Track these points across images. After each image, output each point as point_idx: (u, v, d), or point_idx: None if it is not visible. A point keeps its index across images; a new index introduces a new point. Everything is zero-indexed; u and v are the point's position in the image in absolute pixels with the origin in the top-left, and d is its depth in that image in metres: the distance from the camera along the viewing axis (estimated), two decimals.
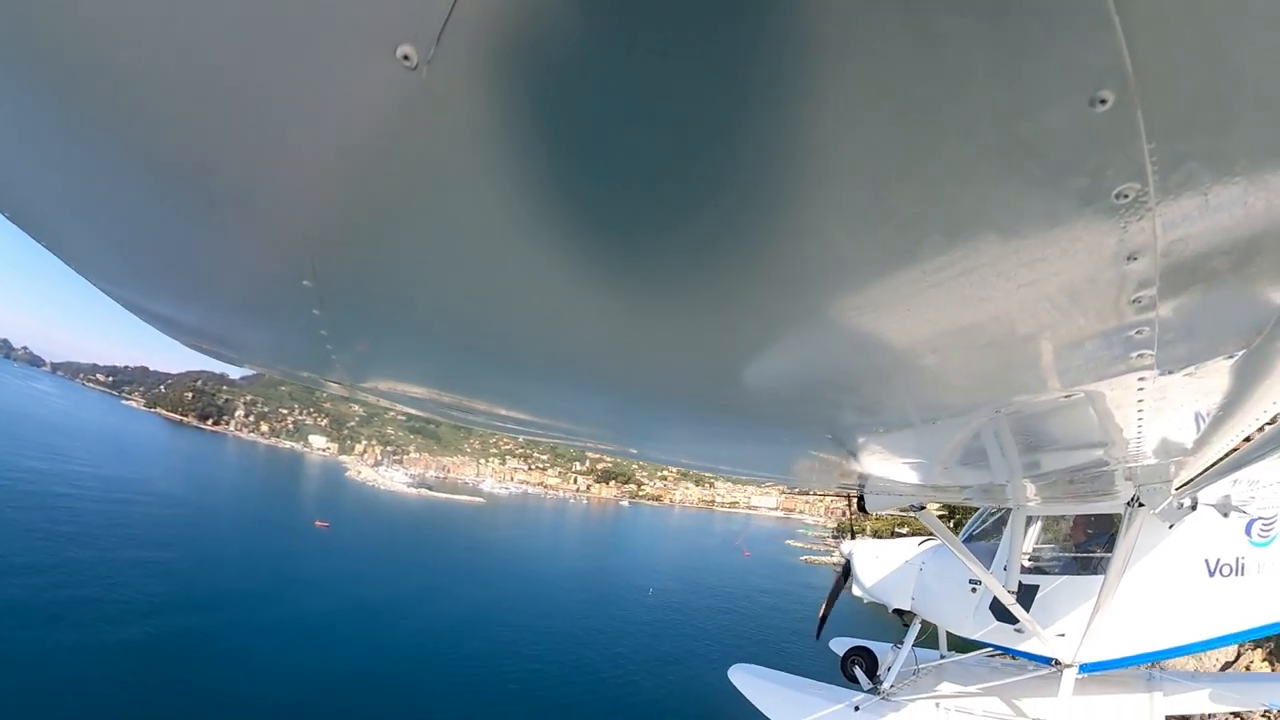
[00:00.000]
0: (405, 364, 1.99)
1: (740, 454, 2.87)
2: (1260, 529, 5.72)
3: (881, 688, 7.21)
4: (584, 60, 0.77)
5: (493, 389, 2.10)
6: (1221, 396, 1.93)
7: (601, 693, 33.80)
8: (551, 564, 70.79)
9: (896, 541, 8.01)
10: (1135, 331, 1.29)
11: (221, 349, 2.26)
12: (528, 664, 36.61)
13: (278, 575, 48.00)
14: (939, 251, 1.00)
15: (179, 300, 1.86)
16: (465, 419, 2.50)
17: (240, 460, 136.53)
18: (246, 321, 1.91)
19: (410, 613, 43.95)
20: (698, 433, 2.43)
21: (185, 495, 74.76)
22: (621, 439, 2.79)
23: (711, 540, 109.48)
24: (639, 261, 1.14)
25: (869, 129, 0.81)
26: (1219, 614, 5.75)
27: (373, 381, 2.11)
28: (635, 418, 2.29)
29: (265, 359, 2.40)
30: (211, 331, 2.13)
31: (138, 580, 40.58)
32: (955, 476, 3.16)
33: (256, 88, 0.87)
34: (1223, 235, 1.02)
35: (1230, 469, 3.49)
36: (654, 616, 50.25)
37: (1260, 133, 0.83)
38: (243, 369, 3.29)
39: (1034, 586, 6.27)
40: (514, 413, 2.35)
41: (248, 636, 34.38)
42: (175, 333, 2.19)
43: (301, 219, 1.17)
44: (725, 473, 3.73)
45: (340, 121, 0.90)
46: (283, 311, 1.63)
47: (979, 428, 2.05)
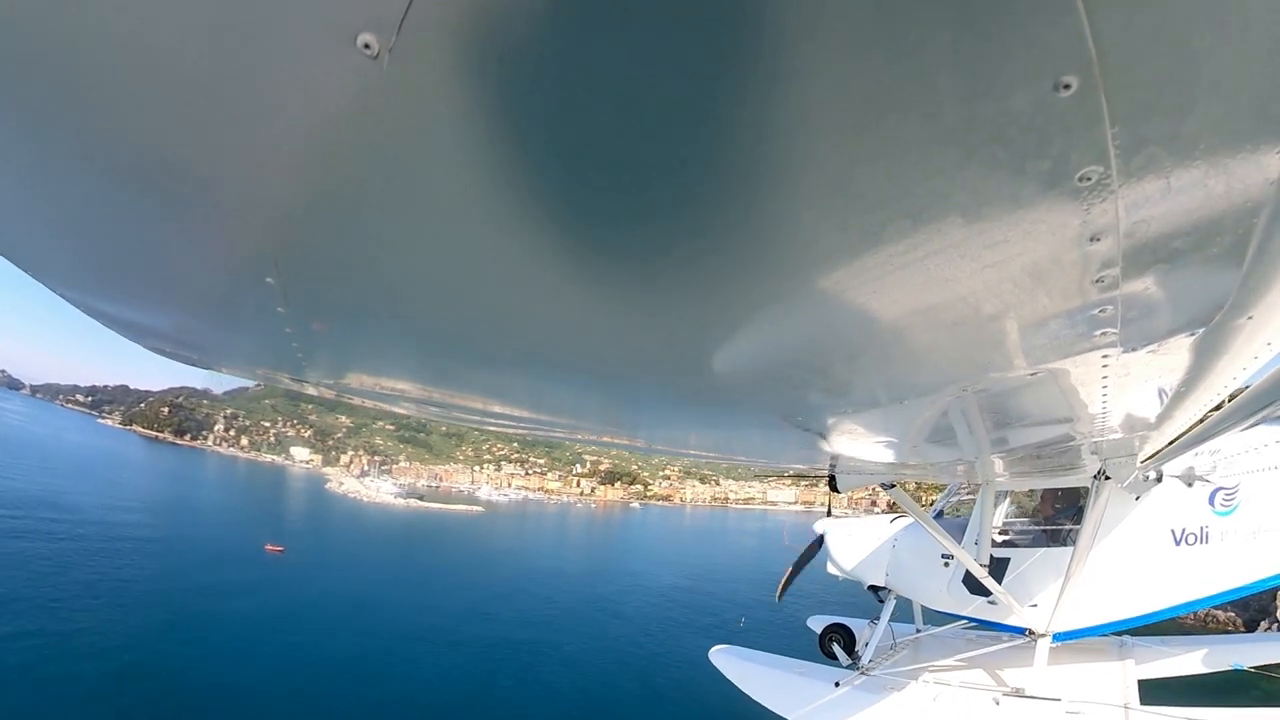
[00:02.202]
0: (374, 360, 1.94)
1: (715, 438, 2.84)
2: (1223, 498, 5.81)
3: (860, 663, 7.19)
4: (549, 46, 0.75)
5: (465, 381, 2.08)
6: (1184, 372, 1.94)
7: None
8: (588, 585, 56.03)
9: (869, 519, 8.01)
10: (1099, 310, 1.31)
11: (188, 352, 2.20)
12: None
13: (184, 621, 35.87)
14: (904, 235, 1.00)
15: (140, 303, 1.78)
16: (438, 414, 2.52)
17: (203, 474, 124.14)
18: (211, 323, 1.84)
19: (390, 673, 31.78)
20: (670, 418, 2.42)
21: (97, 514, 62.36)
22: (597, 427, 2.74)
23: (752, 540, 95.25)
24: (608, 248, 1.12)
25: (834, 114, 0.81)
26: (1186, 581, 5.86)
27: (342, 379, 2.08)
28: (610, 405, 2.27)
29: (232, 361, 2.33)
30: (176, 335, 2.04)
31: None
32: (925, 454, 3.18)
33: (212, 80, 0.85)
34: (1184, 216, 1.03)
35: (1193, 442, 3.54)
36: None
37: (1220, 117, 0.84)
38: (222, 381, 3.46)
39: (1005, 560, 6.36)
40: (488, 404, 2.33)
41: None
42: (140, 337, 2.11)
43: (262, 214, 1.14)
44: (702, 457, 3.62)
45: (299, 113, 0.88)
46: (246, 311, 1.58)
47: (947, 406, 2.06)
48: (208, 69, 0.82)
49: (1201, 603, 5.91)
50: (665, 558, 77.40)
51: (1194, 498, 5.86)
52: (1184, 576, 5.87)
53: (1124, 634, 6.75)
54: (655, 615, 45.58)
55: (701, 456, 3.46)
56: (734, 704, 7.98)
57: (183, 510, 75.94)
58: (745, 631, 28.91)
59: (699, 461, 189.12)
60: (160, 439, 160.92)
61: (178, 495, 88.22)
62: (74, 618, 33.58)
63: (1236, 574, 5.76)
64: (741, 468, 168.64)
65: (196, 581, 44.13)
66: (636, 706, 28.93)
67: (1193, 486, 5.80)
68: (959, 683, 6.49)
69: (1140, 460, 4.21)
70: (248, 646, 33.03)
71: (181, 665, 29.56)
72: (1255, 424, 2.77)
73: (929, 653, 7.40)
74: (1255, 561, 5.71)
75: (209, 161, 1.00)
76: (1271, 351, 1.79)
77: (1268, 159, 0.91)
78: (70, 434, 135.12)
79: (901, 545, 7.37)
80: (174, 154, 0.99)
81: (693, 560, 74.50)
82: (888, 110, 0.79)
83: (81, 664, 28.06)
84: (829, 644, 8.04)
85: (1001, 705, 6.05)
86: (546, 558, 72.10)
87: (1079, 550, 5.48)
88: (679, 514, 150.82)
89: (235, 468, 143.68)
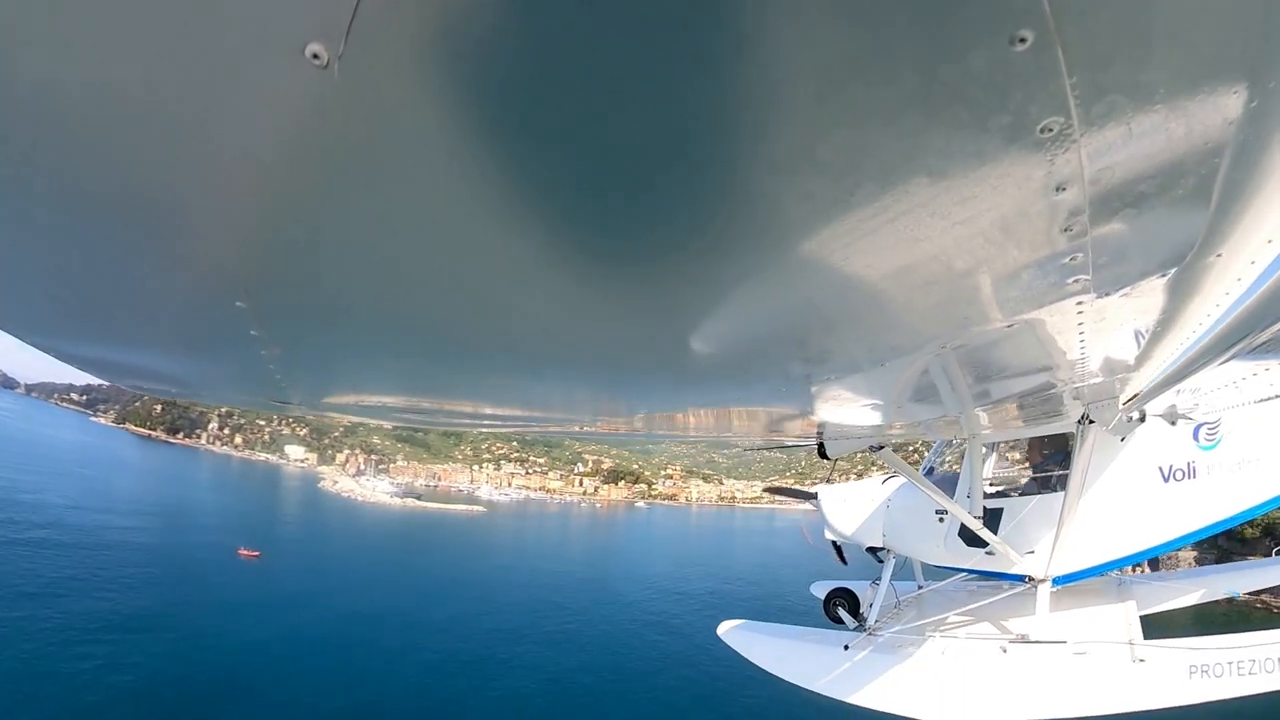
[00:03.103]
0: (355, 375, 1.91)
1: (703, 418, 2.86)
2: (1206, 433, 5.92)
3: (867, 625, 7.22)
4: (500, 45, 0.75)
5: (450, 386, 2.05)
6: (1158, 313, 1.95)
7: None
8: (616, 594, 51.22)
9: (861, 483, 8.08)
10: (1069, 258, 1.32)
11: (167, 386, 2.15)
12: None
13: (117, 649, 30.48)
14: (872, 198, 1.01)
15: (111, 342, 1.74)
16: (425, 421, 2.50)
17: (190, 473, 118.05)
18: (185, 355, 1.80)
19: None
20: (657, 401, 2.43)
21: (61, 514, 57.85)
22: (585, 418, 2.75)
23: (773, 540, 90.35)
24: (579, 239, 1.12)
25: (796, 85, 0.81)
26: (1178, 516, 5.95)
27: (325, 398, 2.04)
28: (596, 393, 2.27)
29: (213, 392, 2.31)
30: (152, 370, 1.99)
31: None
32: (910, 414, 3.20)
33: (162, 105, 0.83)
34: (1147, 161, 1.04)
35: (1173, 380, 3.57)
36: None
37: (1177, 62, 0.86)
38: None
39: (998, 510, 6.39)
40: (477, 407, 2.31)
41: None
42: (116, 376, 2.06)
43: (227, 238, 1.11)
44: (690, 439, 3.74)
45: (255, 131, 0.87)
46: (220, 339, 1.56)
47: (927, 365, 2.08)
48: (157, 96, 0.80)
49: (1194, 535, 5.99)
50: (690, 558, 73.32)
51: (1178, 435, 5.97)
52: (1175, 511, 5.97)
53: (1122, 573, 6.84)
54: (701, 625, 39.22)
55: (690, 438, 3.48)
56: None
57: (157, 511, 70.50)
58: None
59: (700, 461, 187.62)
60: (153, 437, 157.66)
61: (156, 495, 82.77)
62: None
63: (1225, 505, 5.88)
64: (743, 467, 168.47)
65: (150, 598, 38.58)
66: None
67: (1176, 425, 5.90)
68: (965, 635, 6.52)
69: (1122, 402, 4.23)
70: (191, 673, 28.30)
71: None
72: (1230, 359, 2.85)
73: (933, 608, 7.45)
74: (1242, 491, 5.86)
75: (166, 190, 0.98)
76: (1241, 288, 1.81)
77: (1225, 100, 0.92)
78: (56, 431, 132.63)
79: (895, 505, 7.41)
80: (128, 186, 0.97)
81: (720, 561, 70.69)
82: (848, 77, 0.79)
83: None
84: (834, 609, 8.06)
85: (1009, 653, 6.06)
86: (562, 560, 67.80)
87: (1069, 495, 5.54)
88: (685, 513, 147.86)
89: (226, 466, 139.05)
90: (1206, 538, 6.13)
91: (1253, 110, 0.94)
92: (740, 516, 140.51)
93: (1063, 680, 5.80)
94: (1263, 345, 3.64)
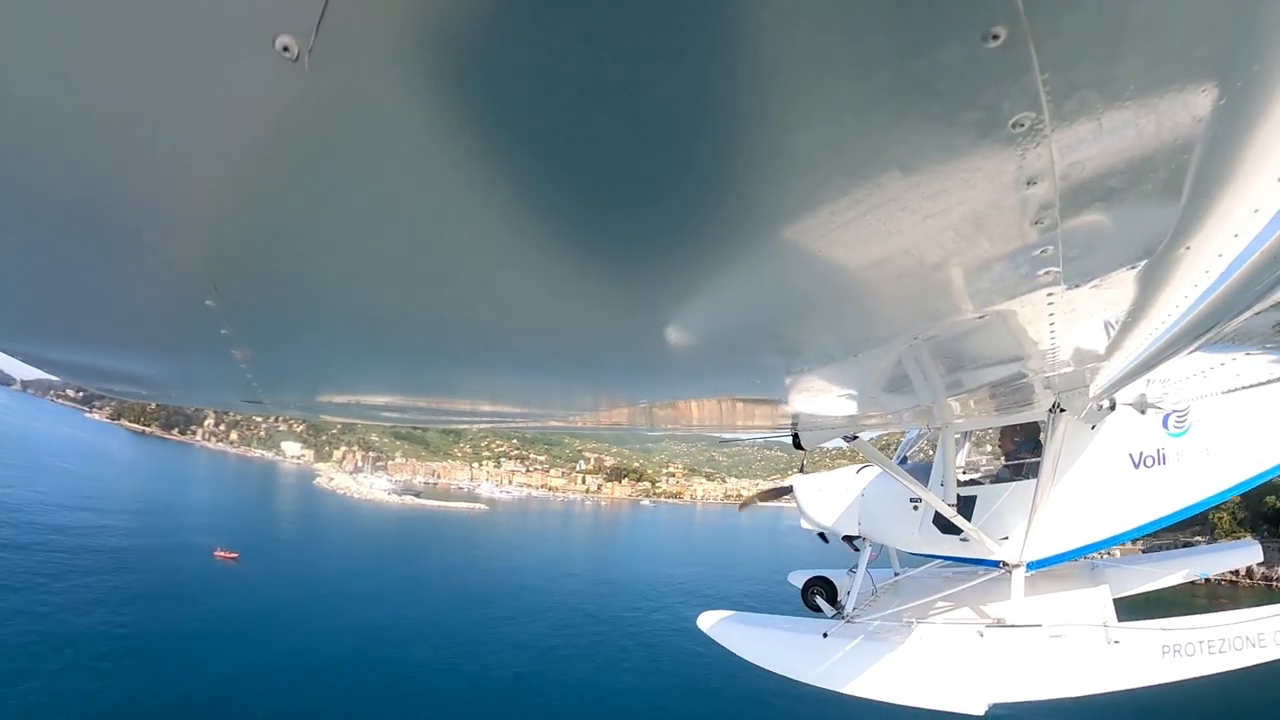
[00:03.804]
0: (326, 373, 1.88)
1: (680, 412, 2.86)
2: (1175, 420, 6.12)
3: (845, 612, 7.30)
4: (471, 39, 0.74)
5: (426, 383, 2.02)
6: (1128, 305, 1.98)
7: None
8: (645, 598, 44.99)
9: (836, 472, 8.16)
10: (1040, 251, 1.33)
11: (138, 389, 2.11)
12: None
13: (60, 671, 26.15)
14: (844, 192, 1.01)
15: (77, 344, 1.70)
16: (400, 419, 2.53)
17: (181, 469, 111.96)
18: (153, 356, 1.77)
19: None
20: (633, 395, 2.44)
21: (28, 512, 52.70)
22: (563, 413, 2.76)
23: (791, 539, 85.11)
24: (556, 233, 1.11)
25: (769, 79, 0.81)
26: (1149, 501, 6.14)
27: (296, 396, 2.02)
28: (575, 389, 2.29)
29: (186, 393, 2.32)
30: (121, 372, 1.96)
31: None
32: (883, 404, 3.27)
33: (130, 98, 0.81)
34: (1117, 156, 1.05)
35: (1143, 370, 3.63)
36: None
37: (1147, 60, 0.86)
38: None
39: (972, 497, 6.53)
40: (453, 403, 2.29)
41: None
42: (84, 379, 2.01)
43: (194, 235, 1.09)
44: (668, 433, 3.93)
45: (224, 124, 0.85)
46: (190, 338, 1.53)
47: (900, 356, 2.10)
48: (122, 88, 0.79)
49: (1165, 520, 6.18)
50: (708, 558, 68.25)
51: (1148, 423, 6.13)
52: (1146, 497, 6.14)
53: (1095, 557, 7.03)
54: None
55: (668, 432, 3.53)
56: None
57: (134, 508, 66.10)
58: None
59: (700, 459, 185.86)
60: (148, 433, 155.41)
61: (136, 491, 77.67)
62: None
63: (1195, 490, 6.07)
64: (743, 466, 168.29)
65: (110, 607, 33.87)
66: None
67: (1146, 413, 6.06)
68: (942, 620, 6.67)
69: (1093, 392, 4.30)
70: (140, 697, 24.23)
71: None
72: (1197, 349, 2.92)
73: (910, 594, 7.58)
74: (1211, 477, 6.04)
75: (133, 186, 0.96)
76: (1209, 280, 1.84)
77: (1194, 98, 0.93)
78: (45, 426, 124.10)
79: (870, 494, 7.52)
80: (95, 181, 0.96)
81: (744, 561, 65.15)
82: (822, 71, 0.79)
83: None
84: (811, 597, 8.17)
85: (986, 637, 6.20)
86: (578, 562, 63.25)
87: (1042, 482, 5.67)
88: (690, 512, 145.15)
89: (219, 463, 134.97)
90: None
91: (1221, 108, 0.96)
92: (746, 515, 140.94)
93: (1039, 663, 5.93)
94: (1229, 336, 3.99)
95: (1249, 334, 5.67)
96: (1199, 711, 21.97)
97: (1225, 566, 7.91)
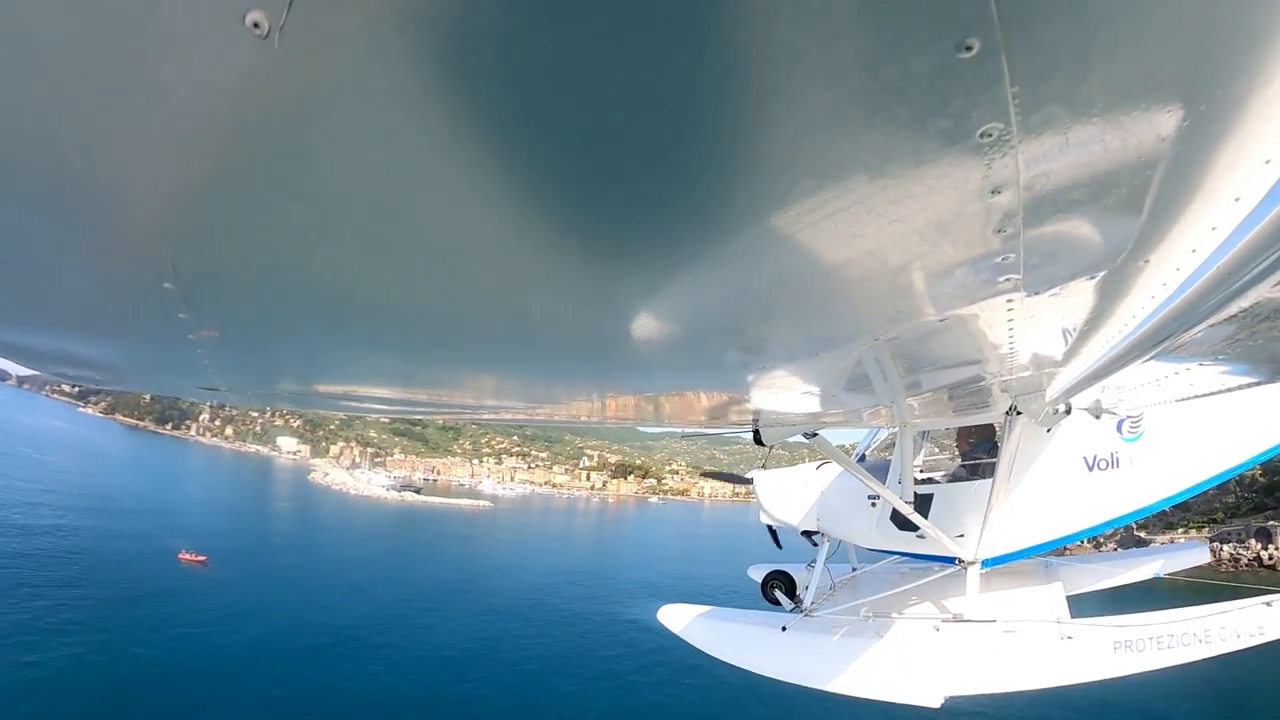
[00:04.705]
0: (285, 360, 1.85)
1: (645, 405, 2.89)
2: (1129, 426, 6.35)
3: (804, 606, 7.41)
4: (443, 19, 0.73)
5: (389, 373, 2.00)
6: (1086, 313, 2.01)
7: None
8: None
9: (796, 468, 8.23)
10: (1002, 258, 1.35)
11: (90, 373, 2.06)
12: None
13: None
14: (811, 193, 1.01)
15: (30, 325, 1.64)
16: (362, 408, 2.54)
17: (168, 464, 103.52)
18: (108, 339, 1.72)
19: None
20: (600, 387, 2.46)
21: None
22: (526, 405, 2.76)
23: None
24: (512, 221, 1.09)
25: (740, 79, 0.81)
26: (1101, 503, 6.36)
27: (254, 384, 1.98)
28: (540, 381, 2.27)
29: (139, 379, 2.23)
30: (73, 355, 1.91)
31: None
32: (843, 402, 3.31)
33: (93, 70, 0.79)
34: (1082, 170, 1.07)
35: (1098, 376, 3.74)
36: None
37: (1116, 79, 0.88)
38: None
39: (929, 496, 6.68)
40: (414, 392, 2.27)
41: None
42: (34, 362, 1.98)
43: (155, 213, 1.06)
44: (632, 424, 3.83)
45: (190, 99, 0.82)
46: (145, 322, 1.48)
47: (861, 355, 2.12)
48: (84, 60, 0.77)
49: (1116, 521, 6.41)
50: (733, 557, 61.44)
51: (1103, 427, 6.32)
52: (1099, 499, 6.34)
53: (1050, 555, 7.17)
54: None
55: (632, 424, 3.49)
56: None
57: (104, 506, 58.80)
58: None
59: (701, 458, 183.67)
60: (142, 428, 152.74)
61: (111, 486, 70.30)
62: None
63: (1146, 493, 6.27)
64: (745, 464, 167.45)
65: (58, 612, 28.84)
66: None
67: (1100, 418, 6.24)
68: (899, 614, 6.79)
69: (1049, 396, 4.41)
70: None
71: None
72: (1152, 358, 3.00)
73: (867, 589, 7.71)
74: (1163, 481, 6.25)
75: (95, 161, 0.94)
76: (1166, 292, 1.88)
77: (1160, 118, 0.96)
78: (33, 419, 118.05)
79: (829, 490, 7.62)
80: (56, 156, 0.93)
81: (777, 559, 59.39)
82: (794, 73, 0.80)
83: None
84: (771, 591, 8.27)
85: (942, 631, 6.36)
86: (603, 565, 56.73)
87: (997, 482, 5.83)
88: (699, 509, 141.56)
89: (214, 457, 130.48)
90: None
91: (1184, 129, 0.99)
92: (755, 511, 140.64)
93: (994, 657, 6.07)
94: (1183, 347, 4.11)
95: (1202, 346, 5.85)
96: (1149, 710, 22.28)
97: (1175, 567, 7.97)
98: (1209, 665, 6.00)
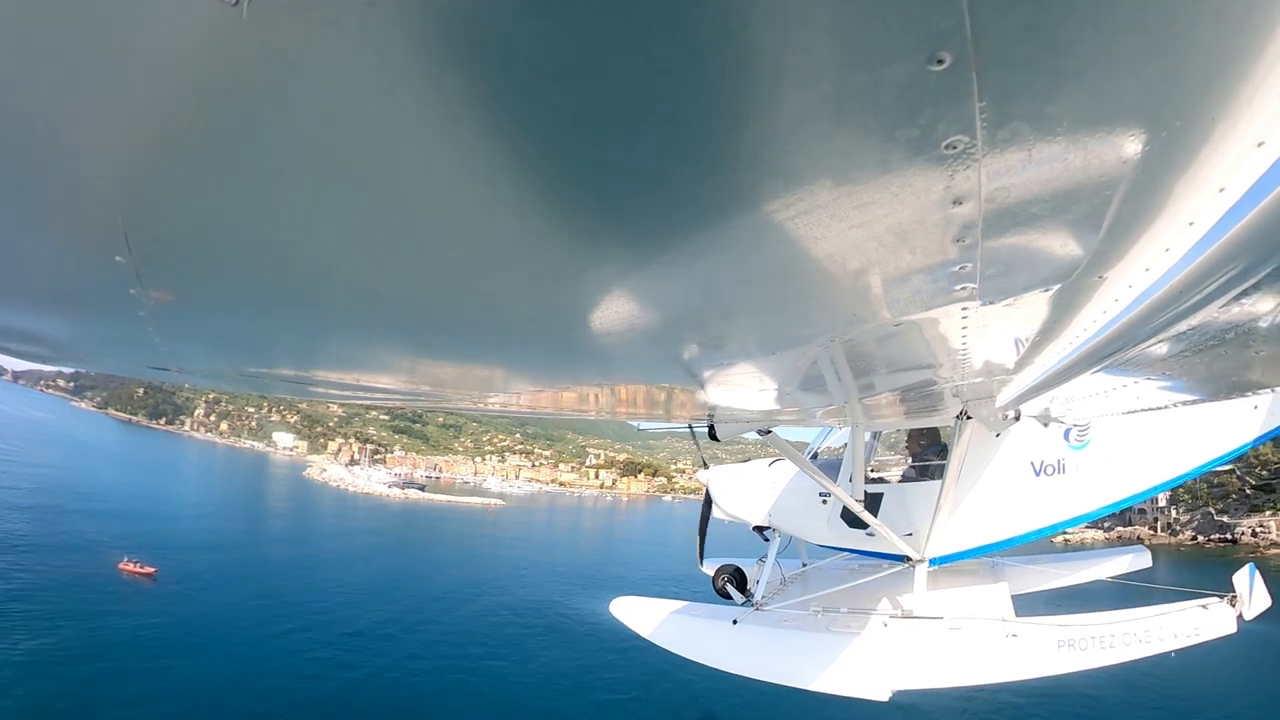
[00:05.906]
0: (241, 339, 1.80)
1: (602, 398, 2.88)
2: (1076, 434, 6.60)
3: (754, 600, 7.49)
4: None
5: (342, 356, 1.98)
6: (1039, 324, 2.04)
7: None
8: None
9: (748, 465, 8.37)
10: (959, 267, 1.37)
11: (36, 349, 1.99)
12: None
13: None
14: (776, 195, 1.03)
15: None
16: (319, 394, 2.49)
17: (157, 459, 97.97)
18: (52, 313, 1.65)
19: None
20: (554, 379, 2.45)
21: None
22: (478, 394, 2.74)
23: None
24: (478, 205, 1.08)
25: (708, 78, 0.81)
26: (1047, 507, 6.61)
27: (206, 364, 1.95)
28: (497, 370, 2.27)
29: (88, 356, 2.16)
30: (18, 329, 1.84)
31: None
32: (798, 401, 3.35)
33: (49, 32, 0.76)
34: (1043, 186, 1.09)
35: (1048, 386, 3.75)
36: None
37: (1082, 101, 0.90)
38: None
39: (879, 495, 6.83)
40: (372, 377, 2.25)
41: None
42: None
43: (109, 186, 1.03)
44: (589, 417, 3.68)
45: (150, 66, 0.80)
46: (96, 296, 1.44)
47: (816, 356, 2.16)
48: (43, 21, 0.75)
49: (1061, 525, 6.65)
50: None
51: (1051, 435, 6.53)
52: (1045, 503, 6.57)
53: (997, 555, 7.39)
54: None
55: (589, 416, 3.47)
56: None
57: (59, 501, 52.16)
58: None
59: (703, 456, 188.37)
60: (135, 423, 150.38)
61: (86, 482, 63.99)
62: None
63: (1091, 499, 6.53)
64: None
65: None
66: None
67: (1049, 425, 6.45)
68: (848, 610, 6.93)
69: (999, 402, 4.52)
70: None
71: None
72: (1100, 370, 3.12)
73: (817, 584, 7.86)
74: (1107, 488, 6.53)
75: (49, 127, 0.92)
76: (1118, 308, 1.91)
77: (1122, 141, 0.99)
78: (18, 410, 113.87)
79: (781, 486, 7.71)
80: (3, 116, 0.90)
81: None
82: (764, 75, 0.80)
83: None
84: (722, 584, 8.32)
85: (890, 627, 6.50)
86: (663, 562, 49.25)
87: (946, 483, 6.00)
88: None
89: (207, 453, 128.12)
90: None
91: (1146, 153, 1.01)
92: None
93: (941, 653, 6.24)
94: (1131, 362, 4.03)
95: (1150, 361, 6.24)
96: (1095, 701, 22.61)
97: (1116, 570, 8.26)
98: (1147, 663, 6.25)
